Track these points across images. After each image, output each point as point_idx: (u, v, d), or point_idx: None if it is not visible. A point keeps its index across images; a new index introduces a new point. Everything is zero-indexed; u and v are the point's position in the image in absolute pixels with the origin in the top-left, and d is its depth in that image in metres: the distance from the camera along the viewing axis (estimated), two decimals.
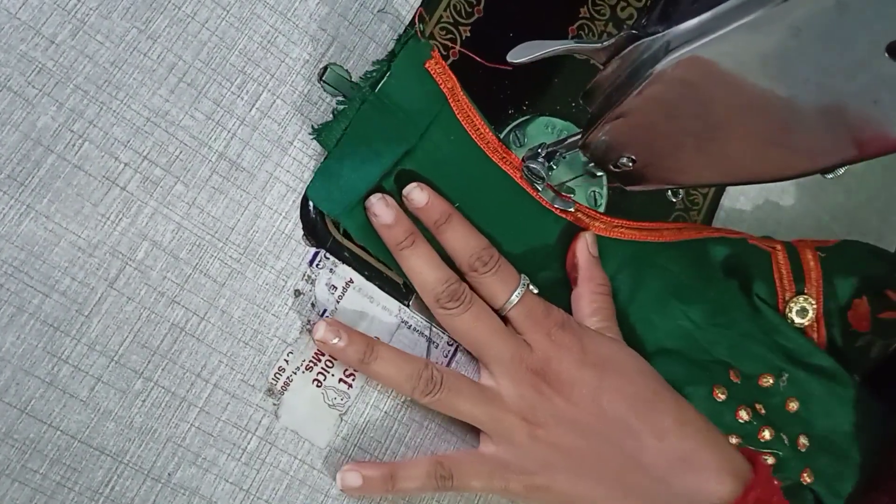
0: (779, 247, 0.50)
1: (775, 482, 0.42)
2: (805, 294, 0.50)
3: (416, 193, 0.41)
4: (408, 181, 0.43)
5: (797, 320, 0.49)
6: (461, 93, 0.44)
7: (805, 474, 0.48)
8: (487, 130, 0.45)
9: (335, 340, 0.40)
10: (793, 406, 0.48)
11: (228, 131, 0.42)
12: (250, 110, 0.42)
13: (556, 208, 0.46)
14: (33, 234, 0.37)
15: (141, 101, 0.40)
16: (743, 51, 0.31)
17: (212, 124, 0.41)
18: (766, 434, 0.47)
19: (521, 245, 0.46)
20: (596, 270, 0.45)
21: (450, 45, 0.47)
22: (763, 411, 0.48)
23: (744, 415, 0.47)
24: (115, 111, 0.39)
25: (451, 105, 0.44)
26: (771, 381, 0.48)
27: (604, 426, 0.40)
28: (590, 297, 0.44)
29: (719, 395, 0.47)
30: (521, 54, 0.38)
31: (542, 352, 0.41)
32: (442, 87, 0.43)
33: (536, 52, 0.38)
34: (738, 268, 0.50)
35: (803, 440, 0.48)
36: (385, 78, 0.42)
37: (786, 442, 0.48)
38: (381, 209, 0.41)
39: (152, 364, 0.39)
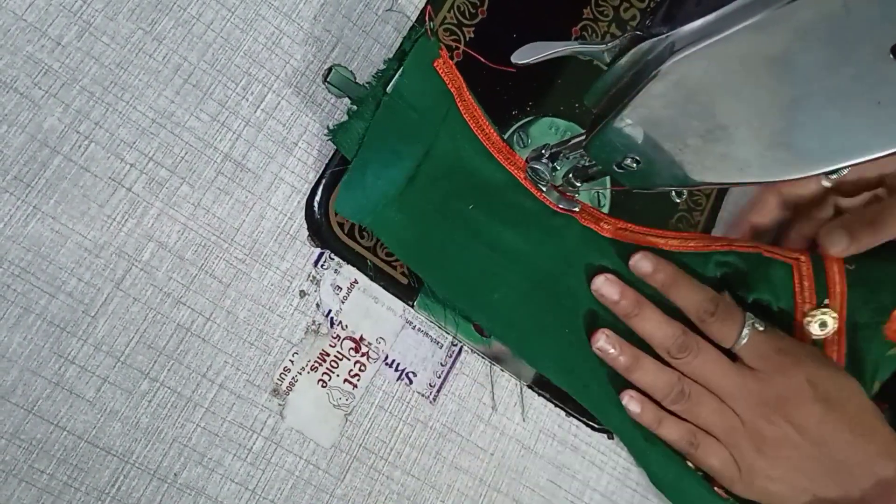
0: (803, 258, 0.49)
1: None
2: (827, 307, 0.49)
3: (643, 264, 0.46)
4: (425, 186, 0.43)
5: (816, 333, 0.49)
6: (467, 93, 0.44)
7: None
8: (492, 131, 0.45)
9: (611, 350, 0.46)
10: None
11: (233, 132, 0.42)
12: (255, 111, 0.42)
13: (561, 208, 0.46)
14: (40, 235, 0.37)
15: (146, 103, 0.40)
16: (748, 52, 0.31)
17: (217, 125, 0.41)
18: None
19: (528, 246, 0.46)
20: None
21: (454, 45, 0.47)
22: None
23: None
24: (120, 112, 0.39)
25: (458, 105, 0.44)
26: None
27: (823, 453, 0.46)
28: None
29: None
30: (525, 55, 0.38)
31: (772, 387, 0.46)
32: (449, 86, 0.43)
33: (541, 54, 0.38)
34: (735, 282, 0.49)
35: None
36: (397, 77, 0.42)
37: None
38: (608, 289, 0.46)
39: (158, 364, 0.39)
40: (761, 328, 0.46)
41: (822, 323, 0.49)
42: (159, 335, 0.39)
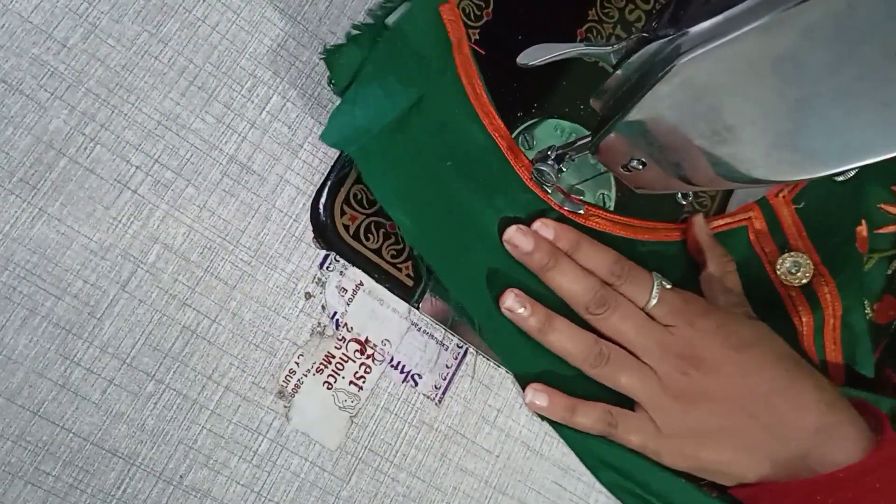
0: (754, 214, 0.50)
1: None
2: (793, 250, 0.49)
3: (545, 230, 0.44)
4: (414, 134, 0.42)
5: (792, 278, 0.49)
6: (466, 46, 0.43)
7: None
8: (483, 92, 0.44)
9: (521, 310, 0.43)
10: None
11: (239, 134, 0.42)
12: (260, 113, 0.42)
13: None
14: (45, 236, 0.37)
15: (152, 105, 0.40)
16: (754, 54, 0.31)
17: (222, 127, 0.41)
18: None
19: (494, 213, 0.45)
20: (719, 249, 0.48)
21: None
22: None
23: None
24: (126, 114, 0.39)
25: (455, 58, 0.43)
26: None
27: (748, 403, 0.44)
28: (720, 277, 0.48)
29: None
30: (531, 57, 0.38)
31: (686, 339, 0.44)
32: (450, 34, 0.43)
33: (547, 55, 0.38)
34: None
35: None
36: (401, 12, 0.41)
37: None
38: (521, 240, 0.44)
39: (164, 367, 0.39)
40: (668, 286, 0.46)
41: (795, 264, 0.49)
42: (165, 337, 0.39)
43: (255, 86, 0.42)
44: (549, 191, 0.46)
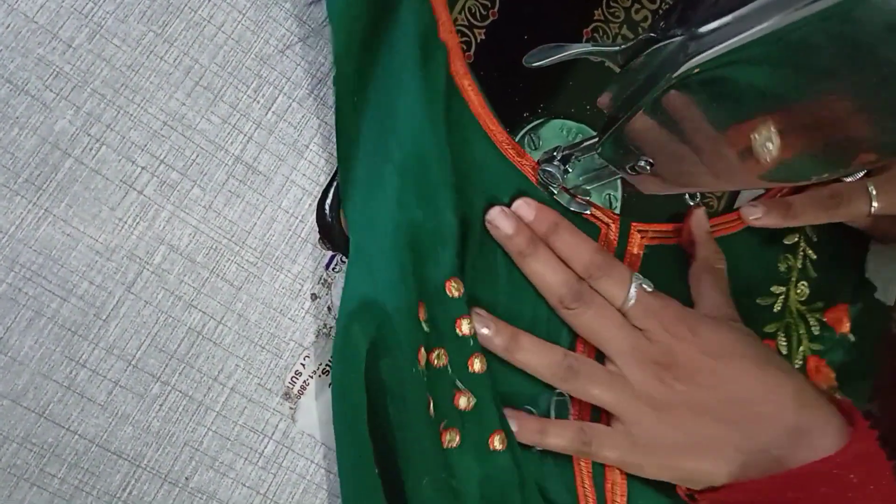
0: (613, 227, 0.48)
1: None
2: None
3: (525, 210, 0.44)
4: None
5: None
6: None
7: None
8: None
9: (484, 330, 0.42)
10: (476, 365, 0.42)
11: (245, 135, 0.41)
12: (266, 114, 0.42)
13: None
14: (51, 238, 0.37)
15: (158, 105, 0.40)
16: (765, 55, 0.31)
17: (228, 128, 0.41)
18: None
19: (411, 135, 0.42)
20: (713, 245, 0.48)
21: (465, 47, 0.47)
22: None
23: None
24: (132, 115, 0.39)
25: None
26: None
27: (724, 409, 0.42)
28: (708, 273, 0.47)
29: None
30: (538, 57, 0.38)
31: (661, 344, 0.43)
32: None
33: (554, 56, 0.38)
34: None
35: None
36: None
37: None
38: (503, 221, 0.43)
39: (169, 368, 0.39)
40: (649, 289, 0.44)
41: None
42: (171, 339, 0.39)
43: (261, 86, 0.42)
44: (556, 192, 0.45)
